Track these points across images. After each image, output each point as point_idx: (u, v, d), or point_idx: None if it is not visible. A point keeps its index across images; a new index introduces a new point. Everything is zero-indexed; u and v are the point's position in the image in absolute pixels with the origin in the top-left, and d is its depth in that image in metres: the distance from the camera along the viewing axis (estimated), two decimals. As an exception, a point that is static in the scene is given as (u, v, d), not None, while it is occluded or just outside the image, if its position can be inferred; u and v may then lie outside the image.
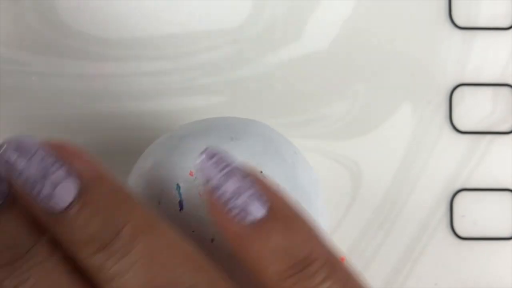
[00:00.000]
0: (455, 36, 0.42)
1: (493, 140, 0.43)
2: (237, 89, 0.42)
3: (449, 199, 0.42)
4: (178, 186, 0.31)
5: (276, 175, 0.32)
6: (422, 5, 0.42)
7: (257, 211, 0.27)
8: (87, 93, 0.41)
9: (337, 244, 0.42)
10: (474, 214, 0.43)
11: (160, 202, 0.31)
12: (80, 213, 0.26)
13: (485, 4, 0.42)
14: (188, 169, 0.31)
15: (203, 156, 0.28)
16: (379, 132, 0.42)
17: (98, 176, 0.27)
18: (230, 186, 0.27)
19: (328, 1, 0.42)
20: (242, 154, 0.32)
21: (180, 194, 0.31)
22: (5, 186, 0.27)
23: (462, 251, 0.42)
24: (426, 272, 0.42)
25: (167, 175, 0.31)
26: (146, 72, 0.41)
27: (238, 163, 0.28)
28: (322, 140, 0.42)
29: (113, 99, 0.41)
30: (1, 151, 0.26)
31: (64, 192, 0.26)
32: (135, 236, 0.26)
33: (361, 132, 0.42)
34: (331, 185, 0.42)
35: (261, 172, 0.31)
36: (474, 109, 0.43)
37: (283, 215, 0.28)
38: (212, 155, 0.28)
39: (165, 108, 0.41)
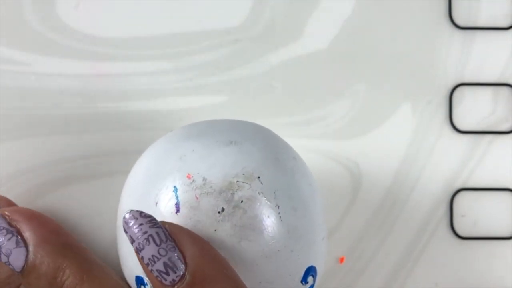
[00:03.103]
0: (455, 36, 0.42)
1: (493, 140, 0.43)
2: (237, 89, 0.42)
3: (449, 199, 0.42)
4: (175, 188, 0.31)
5: (274, 181, 0.32)
6: (422, 5, 0.42)
7: (175, 274, 0.29)
8: (87, 93, 0.41)
9: (337, 244, 0.42)
10: (474, 214, 0.43)
11: (157, 204, 0.31)
12: (30, 276, 0.33)
13: (485, 4, 0.42)
14: (185, 172, 0.31)
15: (127, 217, 0.29)
16: (379, 132, 0.42)
17: (43, 239, 0.33)
18: (149, 251, 0.29)
19: (328, 1, 0.42)
20: (241, 159, 0.32)
21: (177, 196, 0.31)
22: None
23: (462, 251, 0.42)
24: (426, 272, 0.42)
25: (165, 177, 0.32)
26: (146, 72, 0.42)
27: (157, 229, 0.29)
28: (322, 140, 0.42)
29: (113, 99, 0.41)
30: None
31: (15, 260, 0.33)
32: None
33: (361, 132, 0.42)
34: (331, 185, 0.42)
35: (259, 178, 0.31)
36: (474, 109, 0.43)
37: (201, 277, 0.29)
38: (135, 217, 0.29)
39: (165, 108, 0.41)
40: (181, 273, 0.29)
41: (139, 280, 0.32)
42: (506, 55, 0.43)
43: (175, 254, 0.29)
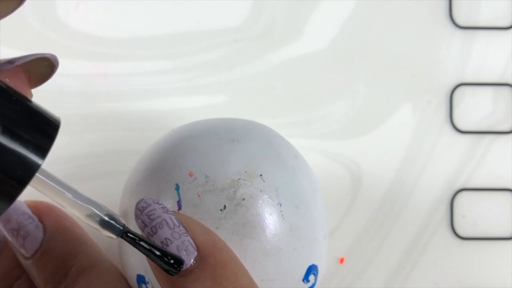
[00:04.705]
0: (455, 36, 0.42)
1: (494, 140, 0.43)
2: (237, 89, 0.42)
3: (449, 199, 0.42)
4: (177, 186, 0.31)
5: (276, 179, 0.32)
6: (422, 5, 0.42)
7: (187, 258, 0.29)
8: (87, 93, 0.41)
9: (337, 244, 0.42)
10: (474, 214, 0.43)
11: (159, 202, 0.31)
12: (40, 259, 0.34)
13: (485, 4, 0.42)
14: (187, 170, 0.31)
15: (140, 203, 0.30)
16: (379, 132, 0.42)
17: (61, 227, 0.35)
18: (162, 234, 0.29)
19: (328, 1, 0.42)
20: (243, 157, 0.32)
21: (179, 194, 0.31)
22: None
23: (462, 251, 0.42)
24: (426, 272, 0.42)
25: (166, 175, 0.31)
26: (146, 72, 0.41)
27: (170, 215, 0.29)
28: (322, 140, 0.42)
29: (113, 99, 0.41)
30: None
31: (30, 242, 0.34)
32: (77, 277, 0.33)
33: (361, 132, 0.42)
34: (331, 185, 0.42)
35: (261, 175, 0.31)
36: (474, 109, 0.43)
37: (211, 264, 0.29)
38: (148, 204, 0.30)
39: (165, 108, 0.41)
40: (193, 258, 0.29)
41: (140, 279, 0.32)
42: (506, 55, 0.43)
43: (188, 239, 0.29)
